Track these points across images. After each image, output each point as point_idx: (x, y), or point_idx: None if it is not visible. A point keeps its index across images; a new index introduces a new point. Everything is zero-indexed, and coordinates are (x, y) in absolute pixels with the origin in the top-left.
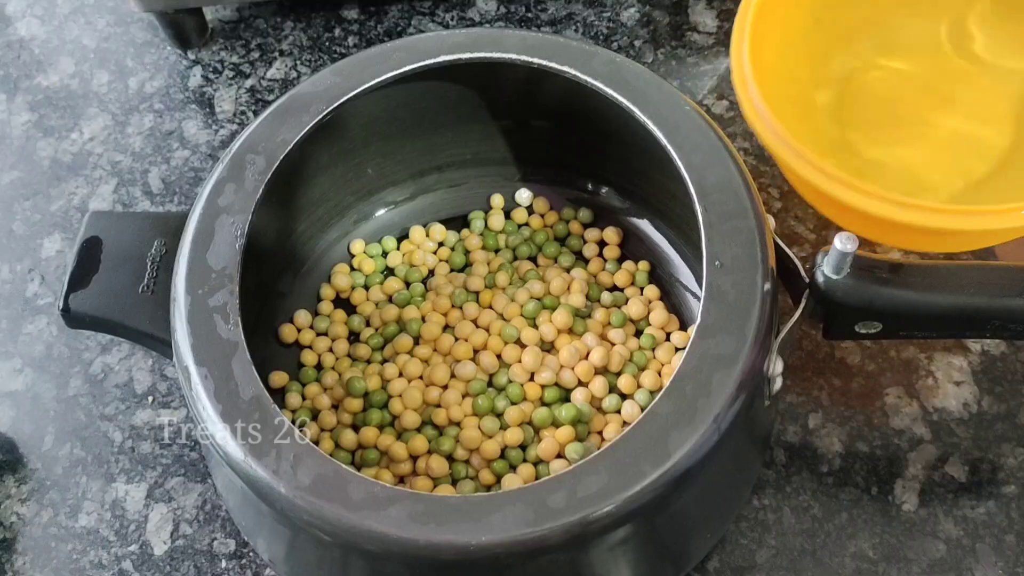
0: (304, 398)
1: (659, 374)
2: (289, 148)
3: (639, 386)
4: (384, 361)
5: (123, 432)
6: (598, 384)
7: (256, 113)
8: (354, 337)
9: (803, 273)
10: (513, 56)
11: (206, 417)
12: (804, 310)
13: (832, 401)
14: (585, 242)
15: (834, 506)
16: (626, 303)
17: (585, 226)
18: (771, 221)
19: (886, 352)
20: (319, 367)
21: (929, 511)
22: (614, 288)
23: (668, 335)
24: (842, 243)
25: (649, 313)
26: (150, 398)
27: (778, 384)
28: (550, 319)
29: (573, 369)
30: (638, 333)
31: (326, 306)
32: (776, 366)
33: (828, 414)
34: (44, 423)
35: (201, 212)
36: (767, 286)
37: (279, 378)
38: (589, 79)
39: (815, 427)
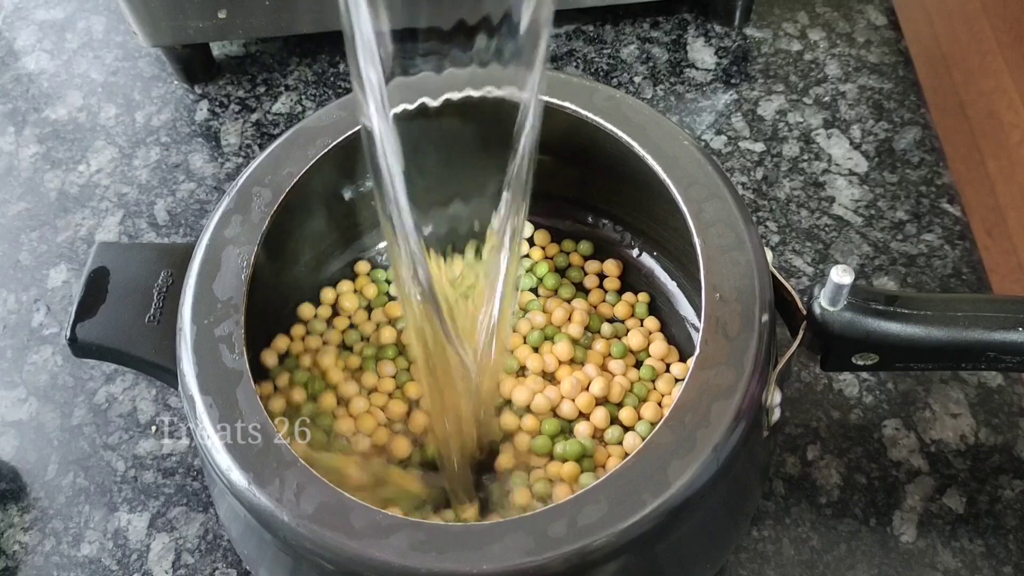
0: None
1: (659, 405)
2: (295, 180)
3: (640, 417)
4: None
5: (126, 462)
6: (599, 415)
7: (262, 147)
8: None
9: (800, 305)
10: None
11: (210, 446)
12: (802, 342)
13: (830, 433)
14: (586, 274)
15: (833, 537)
16: (626, 334)
17: (585, 258)
18: (769, 254)
19: (884, 384)
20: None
21: (927, 542)
22: (614, 319)
23: (668, 366)
24: (838, 275)
25: (649, 344)
26: (153, 428)
27: (776, 415)
28: (551, 350)
29: (574, 400)
30: (638, 364)
31: (325, 310)
32: (774, 397)
33: (826, 446)
34: (48, 452)
35: (208, 243)
36: (765, 318)
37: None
38: (590, 115)
39: (814, 459)
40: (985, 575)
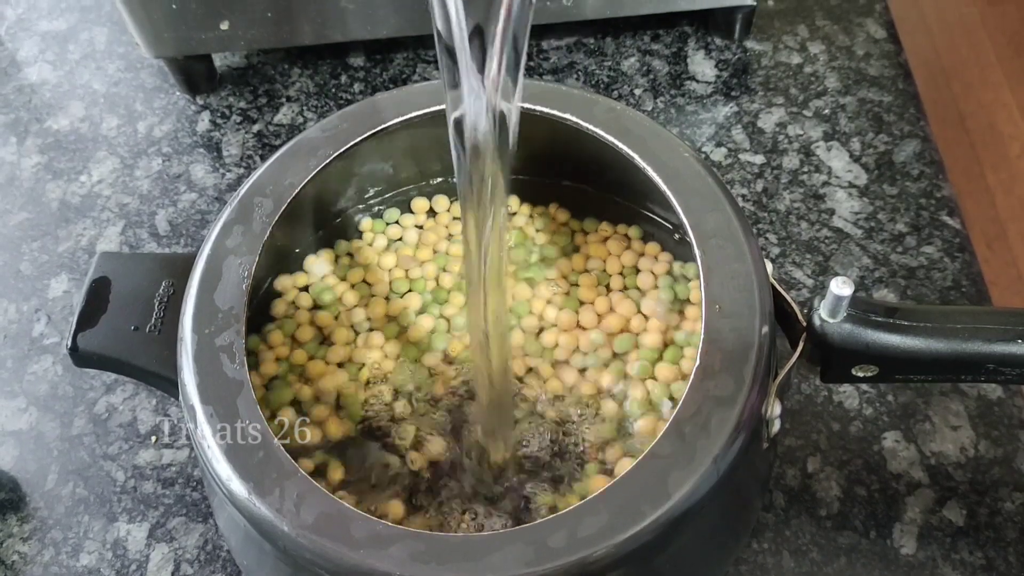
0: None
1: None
2: (297, 191)
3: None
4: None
5: (126, 472)
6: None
7: (263, 157)
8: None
9: (800, 317)
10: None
11: (211, 456)
12: (802, 353)
13: (830, 445)
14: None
15: (833, 550)
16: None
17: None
18: (769, 266)
19: (883, 396)
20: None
21: (927, 555)
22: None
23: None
24: (838, 287)
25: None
26: (153, 438)
27: (776, 426)
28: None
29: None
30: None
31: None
32: (774, 408)
33: (827, 458)
34: (47, 462)
35: (209, 253)
36: (765, 329)
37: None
38: (590, 126)
39: (814, 471)
40: None
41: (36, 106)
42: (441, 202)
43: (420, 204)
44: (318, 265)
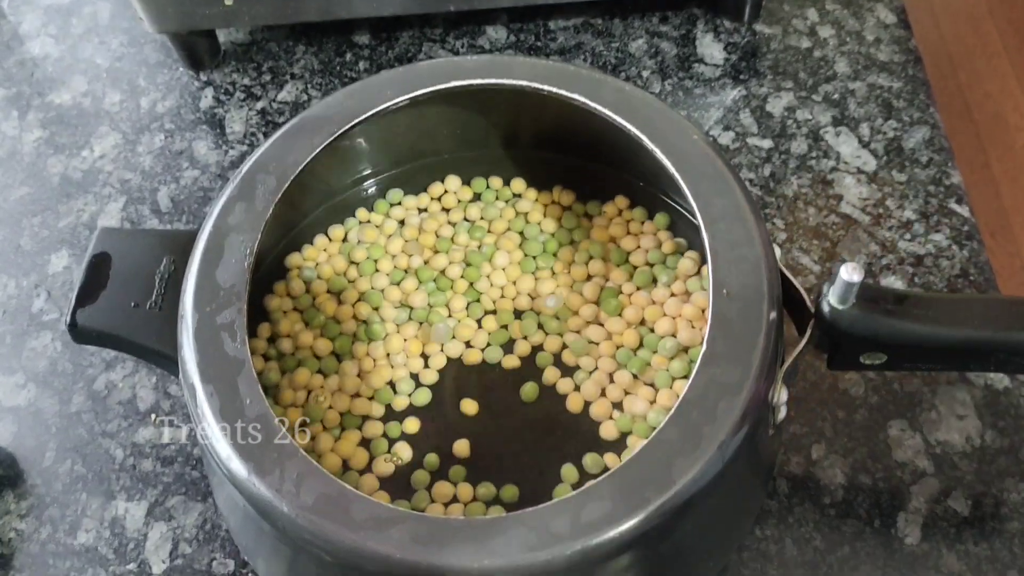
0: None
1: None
2: (300, 168)
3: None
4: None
5: (125, 449)
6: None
7: (266, 135)
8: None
9: (808, 303)
10: (523, 83)
11: (211, 435)
12: (809, 340)
13: (835, 432)
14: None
15: (836, 538)
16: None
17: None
18: (777, 251)
19: (889, 385)
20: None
21: (932, 545)
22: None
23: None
24: (848, 273)
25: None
26: (153, 416)
27: (782, 413)
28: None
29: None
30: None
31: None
32: (781, 395)
33: (831, 445)
34: (45, 439)
35: (211, 230)
36: (773, 315)
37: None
38: (598, 107)
39: (818, 458)
40: None
41: (38, 80)
42: (451, 182)
43: (435, 189)
44: (322, 244)
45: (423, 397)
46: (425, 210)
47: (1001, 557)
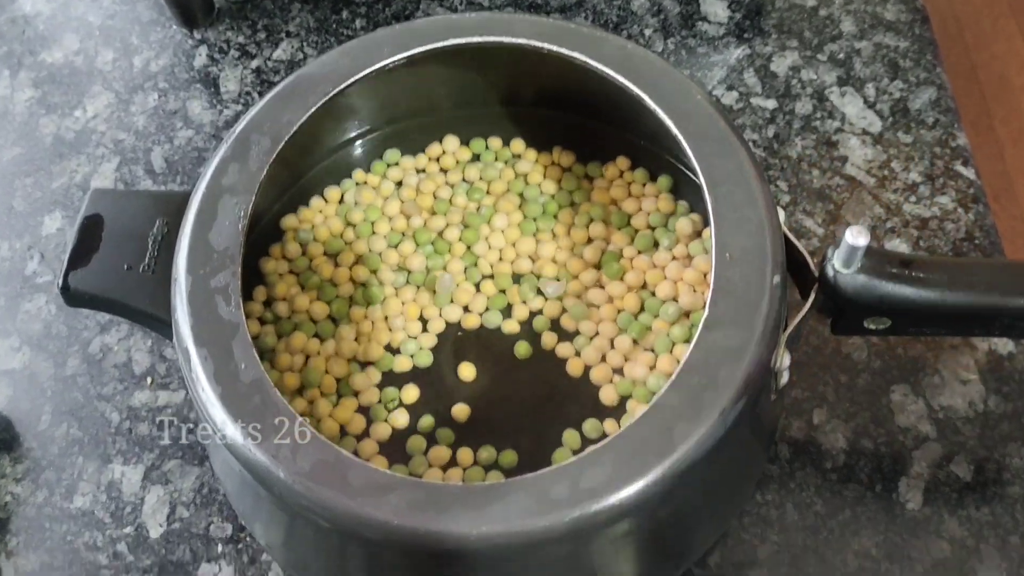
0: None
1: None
2: (295, 129)
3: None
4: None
5: (121, 413)
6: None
7: (261, 94)
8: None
9: (812, 267)
10: (523, 41)
11: (205, 399)
12: (813, 305)
13: (837, 397)
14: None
15: (838, 503)
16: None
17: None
18: (781, 214)
19: (893, 349)
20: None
21: (933, 510)
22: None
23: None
24: (853, 237)
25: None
26: (149, 379)
27: (785, 379)
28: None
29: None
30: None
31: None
32: (783, 360)
33: (833, 410)
34: (41, 402)
35: (204, 191)
36: (776, 279)
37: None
38: (599, 65)
39: (820, 423)
40: (991, 544)
41: (29, 38)
42: (449, 142)
43: (433, 149)
44: (318, 205)
45: (425, 359)
46: (423, 171)
47: (1003, 522)
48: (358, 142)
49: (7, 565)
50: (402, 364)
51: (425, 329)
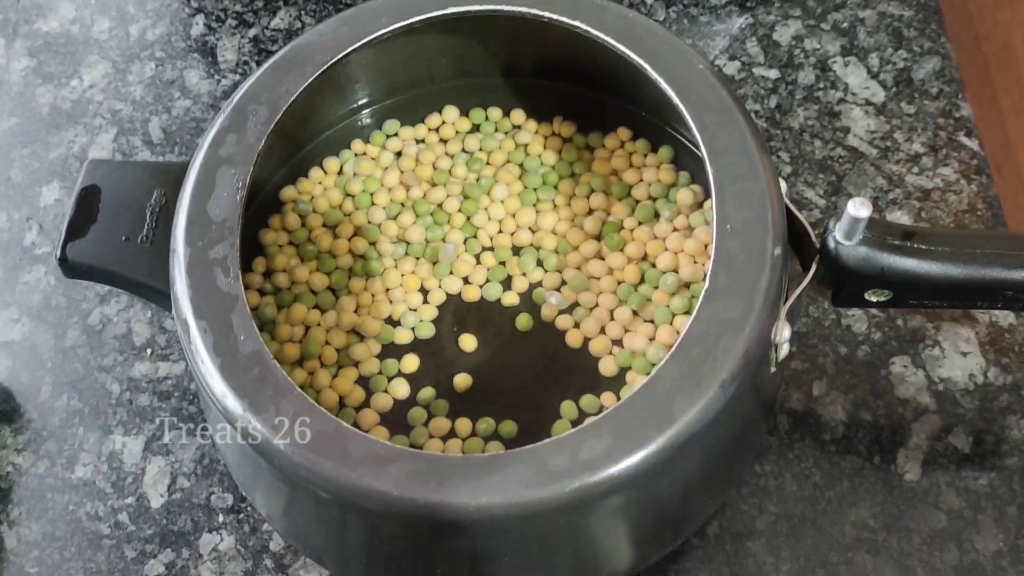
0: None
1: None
2: (293, 99)
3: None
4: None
5: (121, 384)
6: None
7: (259, 63)
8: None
9: (814, 238)
10: (524, 9)
11: (204, 371)
12: (814, 276)
13: (837, 369)
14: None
15: (836, 474)
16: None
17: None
18: (783, 185)
19: (893, 321)
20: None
21: (931, 481)
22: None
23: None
24: (855, 208)
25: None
26: (149, 350)
27: (785, 350)
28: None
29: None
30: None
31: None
32: (784, 332)
33: (833, 382)
34: (41, 373)
35: (202, 162)
36: (777, 251)
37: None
38: (600, 34)
39: (819, 394)
40: (989, 515)
41: (25, 7)
42: (449, 113)
43: (433, 119)
44: (317, 176)
45: (426, 330)
46: (422, 142)
47: (1000, 494)
48: (357, 113)
49: (9, 535)
50: (402, 336)
51: (426, 301)
